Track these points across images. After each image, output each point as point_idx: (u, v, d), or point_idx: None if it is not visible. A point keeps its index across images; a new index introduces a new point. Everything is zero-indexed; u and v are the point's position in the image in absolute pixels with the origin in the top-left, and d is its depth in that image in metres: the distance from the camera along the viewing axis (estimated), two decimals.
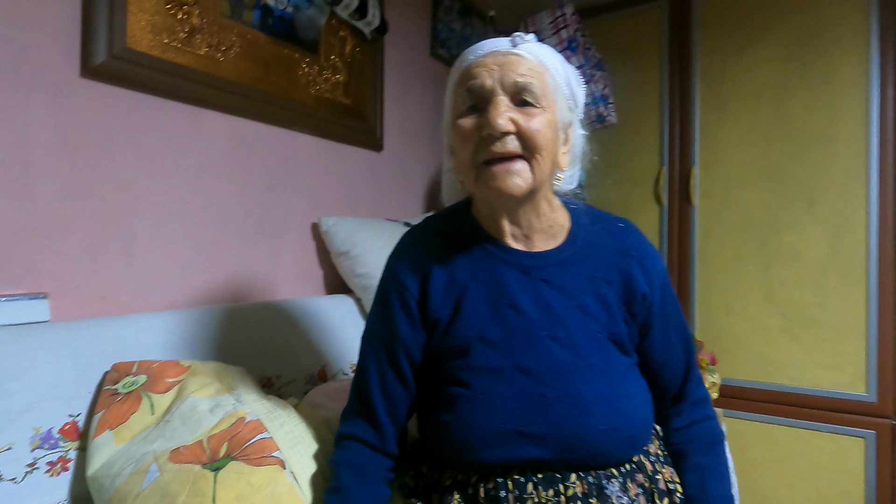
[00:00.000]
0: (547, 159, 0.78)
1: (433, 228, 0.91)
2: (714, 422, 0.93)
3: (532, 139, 0.76)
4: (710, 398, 0.97)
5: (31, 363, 0.90)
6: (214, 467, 0.78)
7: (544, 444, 0.76)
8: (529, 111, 0.76)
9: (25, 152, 1.00)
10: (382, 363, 0.86)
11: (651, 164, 2.33)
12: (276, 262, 1.50)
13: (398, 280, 0.86)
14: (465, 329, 0.82)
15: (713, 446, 0.90)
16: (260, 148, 1.44)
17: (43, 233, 1.03)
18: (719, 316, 2.17)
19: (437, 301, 0.84)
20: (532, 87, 0.76)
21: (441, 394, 0.83)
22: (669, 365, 0.90)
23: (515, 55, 0.78)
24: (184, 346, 1.11)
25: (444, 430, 0.81)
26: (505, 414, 0.77)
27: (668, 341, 0.89)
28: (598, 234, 0.89)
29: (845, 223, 1.93)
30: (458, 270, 0.85)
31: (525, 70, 0.77)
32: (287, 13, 1.48)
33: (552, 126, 0.79)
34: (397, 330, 0.85)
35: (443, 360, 0.84)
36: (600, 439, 0.77)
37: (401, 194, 1.98)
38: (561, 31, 1.99)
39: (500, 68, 0.77)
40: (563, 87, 0.81)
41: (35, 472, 0.86)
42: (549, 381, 0.78)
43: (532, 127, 0.76)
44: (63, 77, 1.05)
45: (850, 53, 1.93)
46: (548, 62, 0.80)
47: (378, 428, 0.86)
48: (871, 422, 1.89)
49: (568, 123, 0.84)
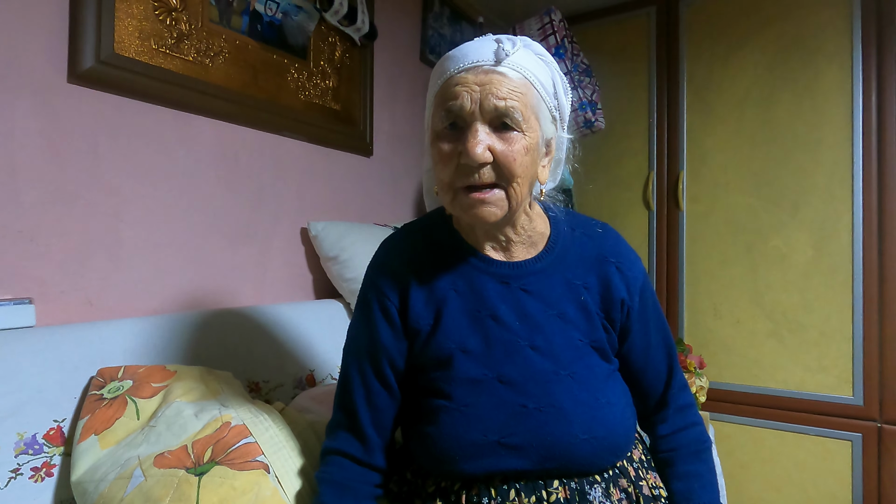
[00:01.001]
0: (524, 184, 0.76)
1: (412, 236, 0.90)
2: (700, 428, 0.92)
3: (509, 168, 0.73)
4: (697, 403, 0.96)
5: (16, 368, 0.90)
6: (198, 472, 0.78)
7: (525, 455, 0.76)
8: (508, 137, 0.73)
9: (11, 157, 1.00)
10: (366, 373, 0.85)
11: (639, 168, 2.35)
12: (264, 266, 1.50)
13: (378, 289, 0.85)
14: (446, 340, 0.81)
15: (700, 453, 0.89)
16: (248, 153, 1.44)
17: (28, 237, 1.03)
18: (707, 319, 2.18)
19: (418, 311, 0.83)
20: (513, 111, 0.72)
21: (423, 406, 0.83)
22: (651, 369, 0.90)
23: (498, 74, 0.73)
24: (170, 350, 1.11)
25: (428, 442, 0.80)
26: (487, 425, 0.77)
27: (648, 345, 0.89)
28: (576, 240, 0.88)
29: (830, 227, 1.95)
30: (438, 281, 0.84)
31: (506, 92, 0.72)
32: (276, 19, 1.48)
33: (532, 149, 0.76)
34: (380, 339, 0.84)
35: (425, 370, 0.83)
36: (581, 448, 0.77)
37: (390, 199, 1.98)
38: (549, 38, 2.01)
39: (481, 89, 0.72)
40: (547, 101, 0.78)
41: (19, 478, 0.86)
42: (530, 391, 0.78)
43: (509, 157, 0.73)
44: (50, 82, 1.05)
45: (833, 60, 1.96)
46: (532, 77, 0.75)
47: (363, 440, 0.84)
48: (857, 424, 1.91)
49: (550, 137, 0.81)
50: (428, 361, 0.83)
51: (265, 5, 1.45)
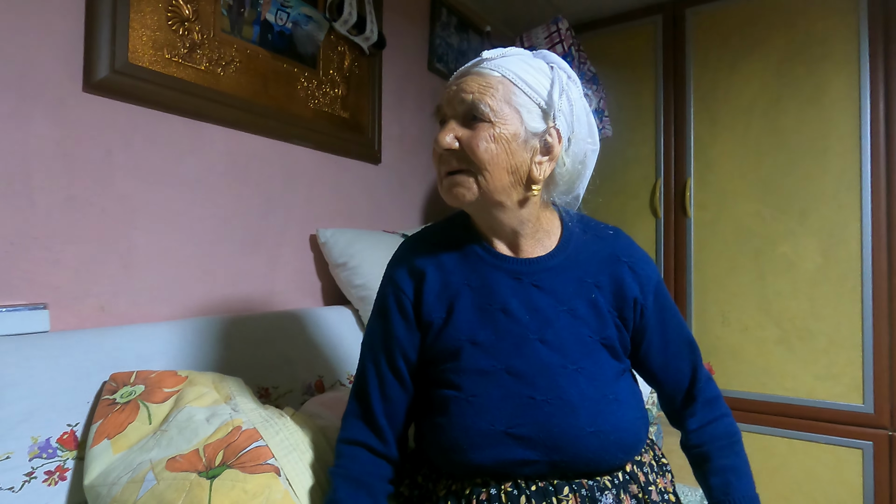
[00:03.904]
0: (495, 171, 0.79)
1: (430, 237, 0.94)
2: (729, 419, 0.94)
3: (473, 153, 0.79)
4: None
5: (31, 373, 0.91)
6: (210, 475, 0.79)
7: (532, 446, 0.77)
8: (475, 126, 0.79)
9: (27, 164, 1.02)
10: (381, 365, 0.88)
11: (647, 176, 2.35)
12: (273, 273, 1.51)
13: (395, 284, 0.89)
14: (457, 332, 0.84)
15: (733, 446, 0.91)
16: (258, 161, 1.46)
17: (43, 244, 1.04)
18: (715, 327, 2.18)
19: (431, 304, 0.86)
20: (479, 103, 0.78)
21: (434, 397, 0.85)
22: (672, 367, 0.91)
23: (474, 74, 0.81)
24: (181, 356, 1.12)
25: (437, 432, 0.82)
26: (494, 415, 0.78)
27: (667, 344, 0.90)
28: (589, 240, 0.91)
29: (838, 234, 1.95)
30: (452, 276, 0.87)
31: (475, 87, 0.79)
32: (286, 28, 1.50)
33: (501, 139, 0.78)
34: (394, 332, 0.87)
35: (435, 362, 0.86)
36: (587, 441, 0.78)
37: (398, 206, 2.00)
38: (556, 46, 2.02)
39: (457, 88, 0.81)
40: (533, 96, 0.80)
41: (33, 482, 0.87)
42: (538, 383, 0.80)
43: (472, 144, 0.79)
44: (66, 91, 1.07)
45: (840, 67, 1.96)
46: (511, 74, 0.79)
47: (378, 430, 0.87)
48: (868, 433, 1.89)
49: (541, 131, 0.80)
50: (439, 353, 0.85)
51: (276, 15, 1.47)
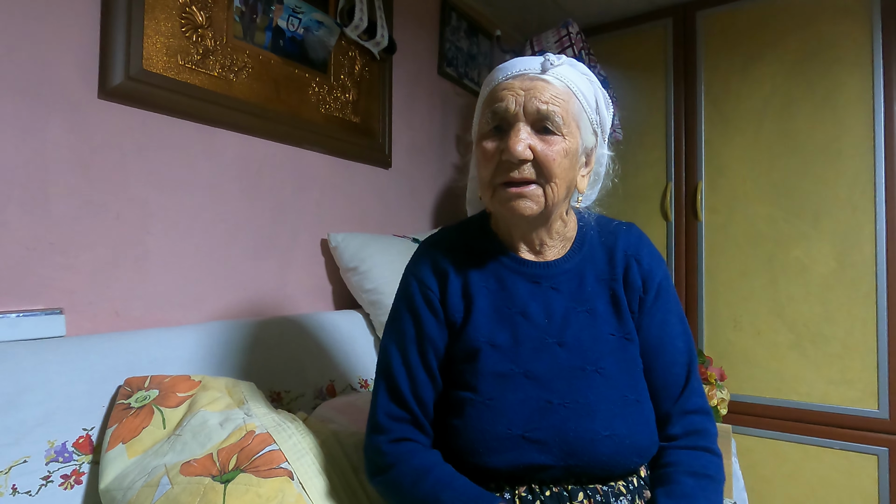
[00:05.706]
0: (561, 185, 0.81)
1: (447, 239, 0.94)
2: (709, 457, 0.83)
3: (548, 167, 0.78)
4: (717, 416, 0.93)
5: (47, 377, 0.92)
6: (224, 479, 0.79)
7: (548, 450, 0.77)
8: (549, 139, 0.79)
9: (43, 170, 1.03)
10: (415, 366, 0.85)
11: (657, 179, 2.34)
12: (285, 277, 1.52)
13: (421, 281, 0.88)
14: (475, 333, 0.84)
15: (699, 476, 0.80)
16: (270, 166, 1.47)
17: (59, 249, 1.05)
18: (727, 331, 2.16)
19: (454, 303, 0.86)
20: (554, 115, 0.78)
21: (451, 398, 0.85)
22: (660, 371, 0.86)
23: (542, 81, 0.79)
24: (194, 360, 1.13)
25: (453, 434, 0.82)
26: (511, 419, 0.78)
27: (663, 335, 0.87)
28: (603, 237, 0.92)
29: (852, 238, 1.93)
30: (471, 277, 0.87)
31: (549, 97, 0.78)
32: (298, 34, 1.51)
33: (570, 154, 0.80)
34: (425, 329, 0.86)
35: (454, 362, 0.85)
36: (602, 445, 0.77)
37: (408, 210, 2.00)
38: (566, 50, 2.02)
39: (526, 93, 0.79)
40: (588, 112, 0.83)
41: (49, 486, 0.88)
42: (556, 387, 0.80)
43: (549, 156, 0.78)
44: (81, 98, 1.08)
45: (853, 69, 1.94)
46: (575, 88, 0.81)
47: (423, 429, 0.85)
48: (883, 438, 1.87)
49: (591, 147, 0.86)
50: (458, 353, 0.85)
51: (287, 21, 1.48)
